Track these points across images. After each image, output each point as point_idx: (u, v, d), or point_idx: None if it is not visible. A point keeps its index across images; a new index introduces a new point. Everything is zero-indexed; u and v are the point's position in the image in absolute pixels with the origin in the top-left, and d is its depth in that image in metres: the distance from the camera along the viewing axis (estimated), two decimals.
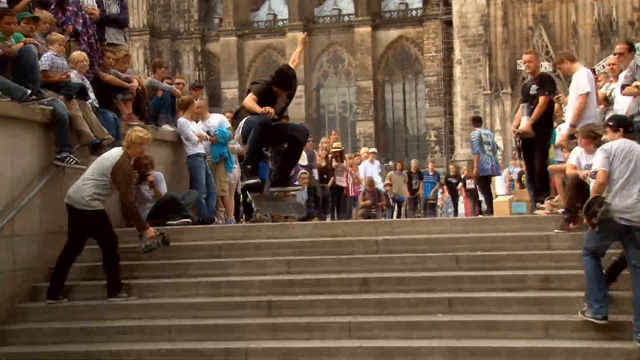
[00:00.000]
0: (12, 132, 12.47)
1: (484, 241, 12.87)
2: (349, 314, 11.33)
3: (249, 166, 13.55)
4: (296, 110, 71.73)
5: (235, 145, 17.09)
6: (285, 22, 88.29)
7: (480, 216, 23.23)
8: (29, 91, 12.73)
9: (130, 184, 12.82)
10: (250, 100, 13.11)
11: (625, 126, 11.19)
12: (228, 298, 12.16)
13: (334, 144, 25.84)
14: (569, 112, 14.60)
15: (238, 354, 10.86)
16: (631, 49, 14.90)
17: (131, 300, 12.15)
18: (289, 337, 11.12)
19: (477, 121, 25.84)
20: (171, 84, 18.06)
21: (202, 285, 12.52)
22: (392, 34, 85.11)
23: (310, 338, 11.02)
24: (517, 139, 15.97)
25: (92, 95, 14.65)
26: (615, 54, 15.41)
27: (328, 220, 22.86)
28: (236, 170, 18.05)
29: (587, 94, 14.01)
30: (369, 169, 29.95)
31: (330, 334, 11.07)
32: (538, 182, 15.29)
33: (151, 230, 12.53)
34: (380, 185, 29.77)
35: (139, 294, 12.33)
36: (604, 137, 11.72)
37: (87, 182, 12.28)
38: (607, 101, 15.11)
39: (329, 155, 24.99)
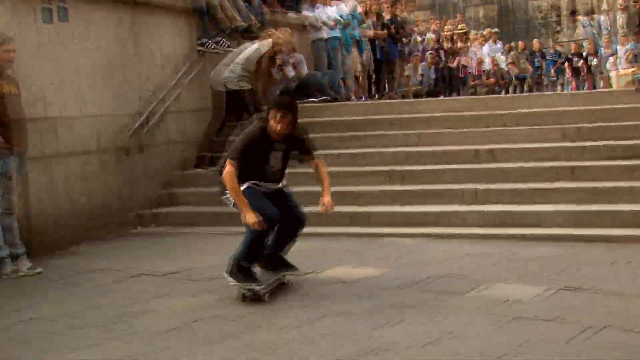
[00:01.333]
0: (157, 20, 13.08)
1: (605, 113, 12.86)
2: (476, 182, 11.56)
3: (243, 263, 8.05)
4: None
5: (368, 30, 17.49)
6: None
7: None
8: None
9: (258, 73, 13.37)
10: (230, 177, 7.84)
11: None
12: (366, 168, 12.63)
13: (459, 26, 25.80)
14: None
15: (374, 216, 11.48)
16: None
17: None
18: (422, 203, 11.50)
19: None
20: None
21: (343, 156, 13.03)
22: None
23: (440, 203, 11.38)
24: None
25: None
26: None
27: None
28: (368, 51, 18.17)
29: None
30: (492, 49, 29.11)
31: (459, 200, 11.36)
32: None
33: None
34: (503, 64, 28.65)
35: None
36: None
37: (223, 66, 13.10)
38: None
39: (454, 37, 24.99)
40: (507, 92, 25.43)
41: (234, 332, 6.97)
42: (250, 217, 7.73)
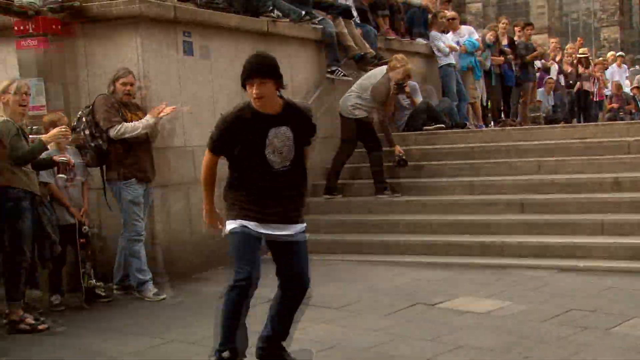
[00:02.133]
0: (289, 49, 13.29)
1: None
2: (601, 213, 11.24)
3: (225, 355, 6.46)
4: (539, 20, 68.75)
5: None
6: None
7: None
8: (303, 12, 13.56)
9: (385, 103, 13.29)
10: (203, 167, 6.54)
11: None
12: (482, 197, 12.46)
13: (580, 50, 25.32)
14: None
15: (494, 247, 11.19)
16: None
17: (396, 198, 12.76)
18: (542, 233, 11.25)
19: None
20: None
21: (458, 185, 12.91)
22: None
23: (563, 234, 11.10)
24: None
25: (354, 13, 15.32)
26: None
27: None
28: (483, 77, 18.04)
29: None
30: (617, 73, 27.93)
31: (583, 231, 11.06)
32: None
33: (397, 147, 13.20)
34: (627, 89, 27.63)
35: (402, 193, 12.96)
36: None
37: (352, 93, 13.04)
38: None
39: (574, 61, 24.58)
40: (632, 118, 24.49)
41: None
42: (208, 220, 6.59)
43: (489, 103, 19.32)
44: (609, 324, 7.74)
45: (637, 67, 30.93)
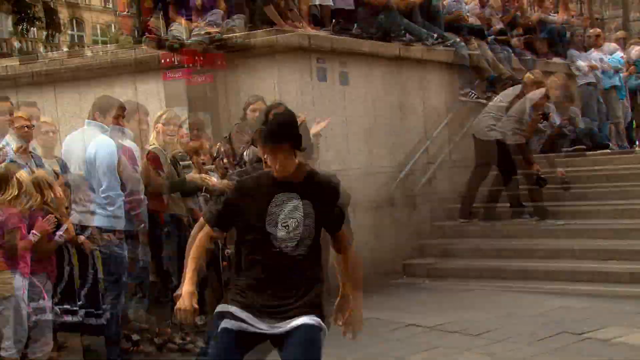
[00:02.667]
0: (422, 73, 13.30)
1: None
2: None
3: None
4: None
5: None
6: None
7: None
8: (435, 35, 13.53)
9: (529, 124, 12.93)
10: (191, 239, 5.91)
11: None
12: (629, 221, 12.07)
13: None
14: None
15: None
16: None
17: (532, 224, 12.54)
18: None
19: None
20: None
21: (602, 210, 12.58)
22: None
23: None
24: None
25: (487, 33, 15.16)
26: None
27: None
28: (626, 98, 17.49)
29: None
30: None
31: None
32: None
33: (536, 165, 12.78)
34: None
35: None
36: None
37: (487, 115, 12.84)
38: None
39: None
40: None
41: None
42: (182, 299, 4.88)
43: (634, 122, 18.70)
44: None
45: None
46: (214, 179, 9.23)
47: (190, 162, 9.37)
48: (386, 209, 12.29)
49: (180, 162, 9.14)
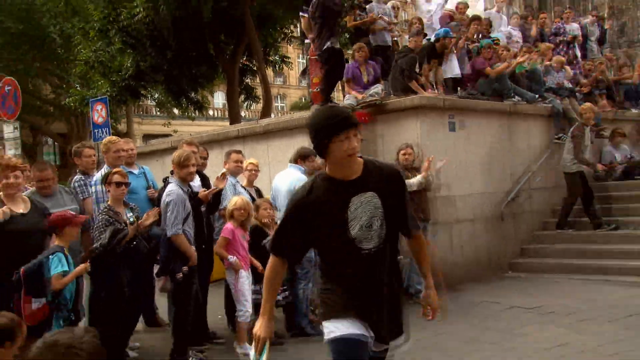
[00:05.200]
0: (526, 123, 13.29)
1: None
2: None
3: None
4: None
5: None
6: None
7: None
8: (537, 95, 13.60)
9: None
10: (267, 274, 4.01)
11: None
12: None
13: None
14: None
15: None
16: None
17: (611, 231, 12.23)
18: None
19: None
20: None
21: None
22: None
23: None
24: None
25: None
26: None
27: None
28: None
29: None
30: None
31: None
32: None
33: (600, 165, 13.10)
34: None
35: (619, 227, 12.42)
36: None
37: (568, 153, 12.69)
38: None
39: None
40: None
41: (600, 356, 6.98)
42: (260, 329, 3.78)
43: None
44: None
45: None
46: None
47: None
48: (498, 222, 12.29)
49: None
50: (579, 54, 16.99)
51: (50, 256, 5.81)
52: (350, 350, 3.62)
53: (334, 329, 3.66)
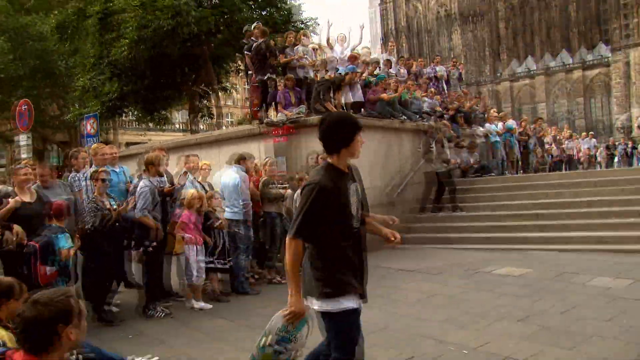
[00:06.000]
0: (408, 135, 13.38)
1: None
2: (582, 219, 10.78)
3: None
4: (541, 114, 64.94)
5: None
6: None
7: None
8: (417, 116, 13.72)
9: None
10: (291, 258, 3.40)
11: None
12: (513, 212, 11.86)
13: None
14: None
15: (518, 239, 10.66)
16: None
17: (460, 213, 12.43)
18: (545, 230, 10.71)
19: None
20: None
21: (498, 205, 12.36)
22: None
23: (561, 231, 10.56)
24: None
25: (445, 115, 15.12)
26: None
27: None
28: (516, 145, 16.90)
29: None
30: (586, 142, 24.74)
31: (573, 229, 10.53)
32: None
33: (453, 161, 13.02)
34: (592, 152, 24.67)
35: (466, 211, 12.57)
36: None
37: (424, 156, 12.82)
38: None
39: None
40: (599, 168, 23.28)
41: (456, 302, 7.01)
42: (300, 304, 3.40)
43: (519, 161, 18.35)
44: (584, 280, 7.54)
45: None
46: (289, 191, 9.30)
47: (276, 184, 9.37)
48: (390, 207, 12.25)
49: (271, 185, 9.16)
50: (445, 87, 17.21)
51: (58, 235, 5.94)
52: (354, 323, 3.43)
53: (340, 304, 3.34)
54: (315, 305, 3.38)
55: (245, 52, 12.35)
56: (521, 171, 17.19)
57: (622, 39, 65.06)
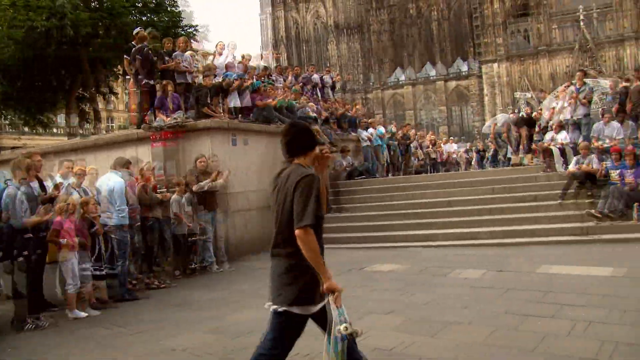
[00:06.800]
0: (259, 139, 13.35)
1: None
2: (444, 217, 11.33)
3: None
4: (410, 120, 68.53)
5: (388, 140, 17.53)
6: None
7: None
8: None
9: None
10: (314, 245, 3.28)
11: None
12: (386, 212, 12.30)
13: (431, 136, 25.14)
14: None
15: (394, 237, 11.02)
16: None
17: (338, 214, 12.66)
18: (410, 229, 11.16)
19: None
20: None
21: (371, 205, 12.78)
22: None
23: (427, 229, 11.07)
24: None
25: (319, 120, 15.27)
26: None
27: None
28: (386, 151, 17.48)
29: None
30: (449, 146, 25.53)
31: (437, 227, 11.03)
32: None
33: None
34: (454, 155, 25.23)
35: (342, 211, 12.89)
36: None
37: None
38: None
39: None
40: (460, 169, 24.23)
41: None
42: (335, 284, 3.30)
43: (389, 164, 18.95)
44: (446, 272, 7.93)
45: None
46: (167, 195, 9.18)
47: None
48: (266, 210, 12.19)
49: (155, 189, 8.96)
50: (319, 95, 17.47)
51: None
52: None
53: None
54: (287, 308, 3.32)
55: (134, 56, 11.77)
56: (402, 173, 17.75)
57: (481, 55, 69.82)
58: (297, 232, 3.23)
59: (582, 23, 61.36)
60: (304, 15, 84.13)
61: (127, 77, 12.61)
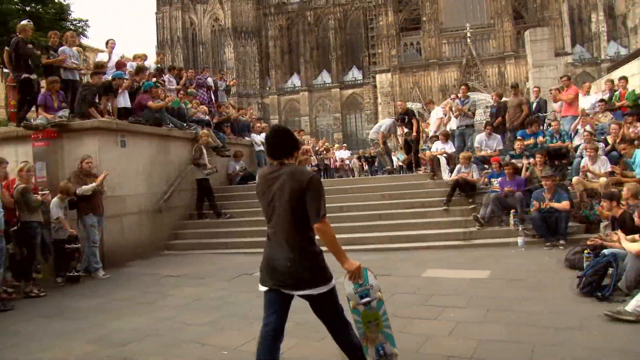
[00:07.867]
0: (177, 143, 13.07)
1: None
2: (338, 222, 11.16)
3: None
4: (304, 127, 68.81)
5: None
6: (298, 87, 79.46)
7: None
8: (185, 124, 13.51)
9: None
10: (331, 233, 3.78)
11: None
12: None
13: (325, 144, 25.64)
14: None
15: None
16: None
17: (227, 219, 12.55)
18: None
19: None
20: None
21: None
22: None
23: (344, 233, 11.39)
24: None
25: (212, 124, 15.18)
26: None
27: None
28: None
29: None
30: (342, 154, 27.51)
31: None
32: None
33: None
34: (348, 162, 26.39)
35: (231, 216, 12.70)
36: None
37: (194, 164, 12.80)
38: None
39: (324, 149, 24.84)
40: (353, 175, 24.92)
41: (220, 305, 7.04)
42: (354, 264, 3.96)
43: None
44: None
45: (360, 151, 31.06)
46: (49, 198, 8.81)
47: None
48: (157, 214, 11.94)
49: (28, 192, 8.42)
50: (213, 98, 17.27)
51: None
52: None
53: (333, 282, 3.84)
54: (325, 288, 3.75)
55: (7, 47, 10.99)
56: None
57: (375, 65, 72.01)
58: (317, 225, 3.60)
59: (469, 40, 65.21)
60: (201, 18, 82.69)
61: (5, 70, 11.76)
